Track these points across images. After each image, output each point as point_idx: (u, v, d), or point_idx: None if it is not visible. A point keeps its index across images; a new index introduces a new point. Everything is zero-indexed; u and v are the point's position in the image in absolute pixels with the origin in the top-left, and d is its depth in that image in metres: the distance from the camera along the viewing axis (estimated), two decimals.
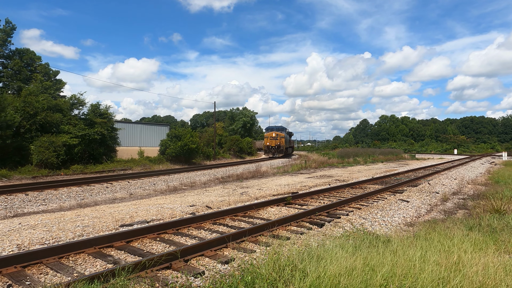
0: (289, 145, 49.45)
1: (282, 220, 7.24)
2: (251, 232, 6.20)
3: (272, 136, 40.89)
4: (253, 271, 4.03)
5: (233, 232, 5.98)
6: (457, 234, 5.30)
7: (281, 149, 40.32)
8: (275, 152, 40.41)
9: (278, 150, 40.44)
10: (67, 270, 4.64)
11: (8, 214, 9.99)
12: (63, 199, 12.18)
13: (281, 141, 40.48)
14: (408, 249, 4.28)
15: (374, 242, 5.57)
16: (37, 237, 6.70)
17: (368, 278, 3.22)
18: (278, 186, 14.74)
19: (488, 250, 4.20)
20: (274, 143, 40.53)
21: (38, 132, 23.00)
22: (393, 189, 12.85)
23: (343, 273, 3.46)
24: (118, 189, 14.63)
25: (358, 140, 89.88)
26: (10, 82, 28.94)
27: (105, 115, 27.45)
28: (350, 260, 3.91)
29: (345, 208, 9.33)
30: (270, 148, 40.78)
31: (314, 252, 4.40)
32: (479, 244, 4.70)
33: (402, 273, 3.27)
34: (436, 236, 5.52)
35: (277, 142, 40.47)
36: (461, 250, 4.07)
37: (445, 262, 3.54)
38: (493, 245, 4.73)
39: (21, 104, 23.05)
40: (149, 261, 4.49)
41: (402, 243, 5.11)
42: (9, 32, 29.47)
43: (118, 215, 9.07)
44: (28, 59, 30.41)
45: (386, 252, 4.27)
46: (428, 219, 9.39)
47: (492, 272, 3.22)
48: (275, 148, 40.36)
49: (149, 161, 29.90)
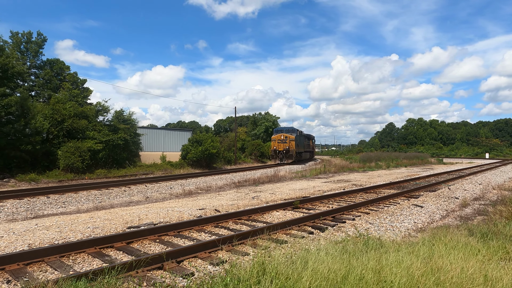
0: (307, 149, 44.50)
1: (282, 223, 7.24)
2: (245, 236, 6.23)
3: (280, 138, 35.68)
4: (236, 274, 4.08)
5: (229, 235, 6.05)
6: (451, 240, 5.11)
7: (290, 154, 34.93)
8: (283, 157, 35.08)
9: (286, 155, 35.05)
10: (64, 268, 4.88)
11: (29, 216, 10.55)
12: (81, 202, 12.71)
13: (291, 145, 35.25)
14: (393, 255, 4.19)
15: (370, 247, 5.48)
16: (49, 237, 7.05)
17: (339, 283, 3.20)
18: (292, 191, 14.67)
19: (478, 257, 4.04)
20: (282, 147, 35.34)
21: (65, 138, 24.11)
22: (409, 194, 12.49)
23: (318, 277, 3.45)
24: (135, 193, 15.08)
25: (384, 144, 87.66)
26: (41, 91, 30.55)
27: (128, 121, 28.41)
28: (331, 265, 3.88)
29: (353, 212, 9.18)
30: (277, 152, 35.49)
31: (299, 256, 4.39)
32: (473, 250, 4.52)
33: (373, 279, 3.22)
34: (434, 242, 5.36)
35: (286, 145, 35.09)
36: (446, 257, 3.93)
37: (422, 269, 3.44)
38: (486, 252, 4.53)
39: (49, 112, 24.27)
40: (139, 262, 4.64)
41: (396, 249, 5.00)
42: (40, 44, 31.18)
43: (129, 217, 9.36)
44: (58, 68, 32.01)
45: (371, 257, 4.20)
46: (441, 225, 9.08)
47: (466, 277, 3.11)
48: (283, 153, 35.06)
49: (170, 165, 30.59)
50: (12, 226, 8.47)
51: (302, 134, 42.08)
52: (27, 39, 30.91)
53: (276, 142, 35.78)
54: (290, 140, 35.23)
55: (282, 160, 35.31)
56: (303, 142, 40.55)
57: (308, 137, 46.30)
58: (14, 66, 24.82)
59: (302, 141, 40.29)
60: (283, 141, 35.28)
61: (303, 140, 41.03)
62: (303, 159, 41.24)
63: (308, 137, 46.95)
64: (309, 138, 47.08)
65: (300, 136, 39.69)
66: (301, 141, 39.77)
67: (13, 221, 9.67)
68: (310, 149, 47.34)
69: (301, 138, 39.74)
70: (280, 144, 35.37)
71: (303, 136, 42.20)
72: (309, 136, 47.70)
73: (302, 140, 40.53)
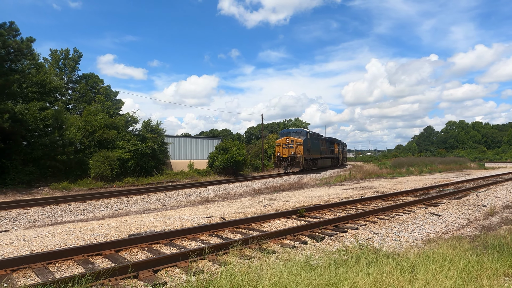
0: (328, 155, 38.64)
1: (277, 232, 7.06)
2: (226, 247, 6.10)
3: (285, 143, 29.51)
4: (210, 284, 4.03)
5: (213, 244, 5.99)
6: (437, 252, 4.70)
7: (297, 161, 28.57)
8: (287, 165, 28.87)
9: (292, 163, 28.76)
10: (46, 275, 5.05)
11: (48, 223, 11.12)
12: (100, 210, 13.22)
13: (298, 150, 28.93)
14: (363, 269, 3.92)
15: (361, 259, 5.19)
16: (52, 244, 7.36)
17: None
18: (307, 198, 14.35)
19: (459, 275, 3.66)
20: (287, 153, 29.11)
21: (96, 148, 25.35)
22: (429, 202, 11.77)
23: None
24: (153, 200, 15.45)
25: (422, 148, 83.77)
26: (77, 104, 32.43)
27: (156, 130, 29.37)
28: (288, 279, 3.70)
29: (359, 221, 8.78)
30: (281, 159, 29.33)
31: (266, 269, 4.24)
32: (466, 264, 4.12)
33: None
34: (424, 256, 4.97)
35: (292, 151, 28.89)
36: (421, 273, 3.61)
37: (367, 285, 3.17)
38: (477, 268, 4.11)
39: (82, 123, 25.66)
40: (109, 271, 4.69)
41: (377, 261, 4.69)
42: (77, 60, 33.20)
43: (136, 225, 9.58)
44: (93, 82, 33.86)
45: (338, 270, 3.96)
46: (458, 235, 8.45)
47: None
48: (288, 160, 28.85)
49: (197, 173, 31.15)
50: (26, 232, 8.95)
51: (319, 138, 36.36)
52: (65, 56, 33.04)
53: (281, 147, 29.91)
54: (297, 145, 29.18)
55: (287, 169, 29.21)
56: (318, 146, 34.53)
57: (330, 141, 41.05)
58: (52, 82, 26.53)
59: (317, 146, 34.36)
60: (288, 146, 29.48)
61: (319, 144, 34.91)
62: (319, 166, 35.04)
63: (331, 141, 41.36)
64: (331, 142, 41.53)
65: (314, 139, 33.46)
66: (316, 145, 33.76)
67: (31, 227, 10.24)
68: (333, 154, 41.29)
69: (315, 142, 33.63)
70: (284, 149, 29.54)
71: (320, 139, 36.33)
72: (332, 140, 42.10)
73: (318, 144, 34.57)
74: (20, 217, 11.35)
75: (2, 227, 10.42)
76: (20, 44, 21.14)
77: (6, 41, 20.08)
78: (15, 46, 20.61)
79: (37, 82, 25.58)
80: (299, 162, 28.77)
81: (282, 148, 29.75)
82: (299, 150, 29.18)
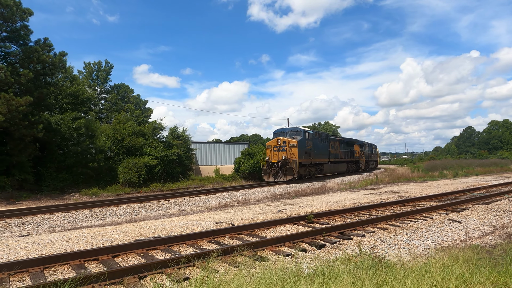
0: (344, 159, 33.69)
1: (274, 239, 6.90)
2: (223, 253, 6.02)
3: (276, 145, 24.45)
4: None
5: (204, 251, 5.95)
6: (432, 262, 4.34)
7: (289, 167, 23.45)
8: (278, 172, 23.86)
9: (283, 170, 23.69)
10: (38, 279, 5.24)
11: (68, 227, 11.63)
12: (119, 215, 13.65)
13: (291, 153, 23.75)
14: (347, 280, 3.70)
15: (360, 268, 4.93)
16: (61, 248, 7.65)
17: None
18: (324, 203, 13.98)
19: None
20: (277, 157, 24.08)
21: (124, 155, 26.31)
22: (452, 207, 11.04)
23: None
24: (172, 206, 15.73)
25: (462, 150, 79.27)
26: (108, 114, 33.93)
27: (181, 137, 30.03)
28: None
29: (368, 228, 8.39)
30: (270, 165, 24.47)
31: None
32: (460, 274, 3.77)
33: None
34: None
35: (283, 154, 23.79)
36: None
37: None
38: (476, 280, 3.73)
39: (111, 132, 26.77)
40: (93, 276, 4.77)
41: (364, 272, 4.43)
42: (108, 71, 34.82)
43: (146, 230, 9.76)
44: (123, 92, 35.31)
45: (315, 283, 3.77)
46: (478, 243, 7.83)
47: None
48: (278, 166, 23.86)
49: (223, 178, 31.42)
50: (44, 237, 9.39)
51: (329, 138, 30.87)
52: (98, 68, 34.77)
53: (272, 149, 24.75)
54: (290, 147, 23.99)
55: (277, 177, 23.92)
56: (325, 149, 29.19)
57: (347, 142, 35.70)
58: (84, 93, 27.92)
59: (324, 148, 28.94)
60: (279, 149, 24.28)
61: (326, 146, 29.55)
62: (326, 173, 29.78)
63: (348, 142, 36.06)
64: (349, 143, 36.11)
65: (318, 140, 27.85)
66: (321, 147, 28.34)
67: (51, 232, 10.75)
68: (351, 158, 35.76)
69: (320, 144, 28.11)
70: (276, 153, 24.43)
71: (331, 140, 30.96)
72: (350, 141, 36.94)
73: (325, 146, 29.25)
74: (44, 222, 11.97)
75: (25, 231, 11.03)
76: (53, 59, 22.48)
77: (40, 56, 21.42)
78: (49, 60, 21.94)
79: (71, 94, 27.05)
80: (292, 168, 23.52)
81: (272, 152, 24.76)
82: (293, 153, 23.97)
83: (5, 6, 19.95)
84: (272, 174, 24.21)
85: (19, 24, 21.42)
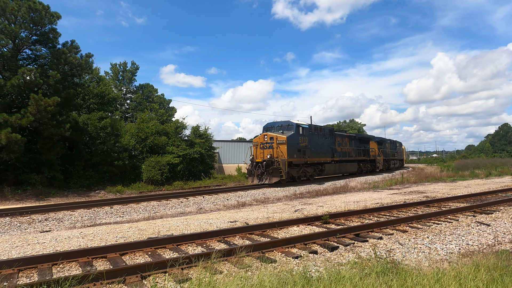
0: (358, 157, 30.59)
1: (284, 240, 6.67)
2: (228, 254, 5.86)
3: (262, 141, 21.30)
4: None
5: (206, 252, 5.82)
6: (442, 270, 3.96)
7: (276, 168, 20.23)
8: (262, 173, 20.69)
9: (268, 171, 20.46)
10: (46, 276, 5.29)
11: (88, 224, 11.90)
12: (138, 212, 13.83)
13: (279, 151, 20.55)
14: None
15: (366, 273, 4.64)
16: (76, 245, 7.78)
17: None
18: (344, 203, 13.54)
19: None
20: (263, 155, 20.97)
21: (148, 154, 26.81)
22: (481, 209, 10.35)
23: None
24: (191, 204, 15.79)
25: (497, 148, 75.22)
26: (134, 113, 34.73)
27: (203, 135, 30.24)
28: None
29: (386, 230, 7.97)
30: (254, 165, 21.34)
31: None
32: None
33: None
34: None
35: (269, 152, 20.62)
36: None
37: None
38: None
39: (135, 131, 27.35)
40: (97, 274, 4.75)
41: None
42: (134, 72, 35.64)
43: (160, 228, 9.79)
44: (148, 92, 36.02)
45: None
46: (507, 249, 7.25)
47: None
48: (263, 166, 20.67)
49: (245, 177, 31.37)
50: (63, 233, 9.62)
51: (334, 134, 27.21)
52: (123, 69, 35.66)
53: (258, 147, 21.41)
54: (278, 143, 20.67)
55: (261, 179, 20.75)
56: (327, 146, 25.54)
57: (360, 139, 32.20)
58: (110, 93, 28.68)
59: (326, 145, 25.37)
60: (266, 145, 21.02)
61: (329, 142, 25.93)
62: (328, 174, 25.95)
63: (361, 138, 32.55)
64: (362, 140, 32.67)
65: (317, 135, 24.33)
66: (322, 144, 24.86)
67: (71, 228, 11.02)
68: (365, 156, 32.23)
69: (320, 140, 24.61)
70: (261, 150, 21.24)
71: (336, 136, 27.38)
72: (364, 137, 33.70)
73: (328, 142, 25.67)
74: (66, 218, 12.31)
75: (47, 227, 11.38)
76: (80, 60, 23.21)
77: (68, 58, 22.17)
78: (76, 62, 22.66)
79: (98, 94, 27.89)
80: (278, 168, 20.22)
81: (259, 148, 21.33)
82: (281, 151, 20.57)
83: (34, 10, 20.77)
84: (257, 176, 21.07)
85: (48, 28, 22.26)
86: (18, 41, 21.15)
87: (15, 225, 11.35)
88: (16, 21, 20.53)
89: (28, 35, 21.66)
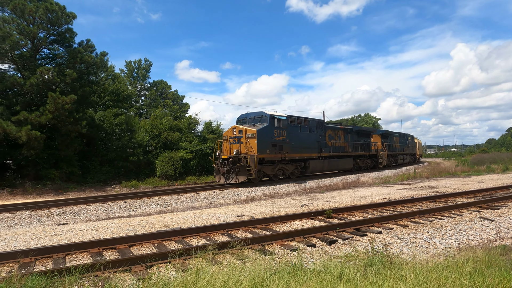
0: (358, 152, 28.39)
1: (284, 234, 6.93)
2: (229, 246, 6.16)
3: (231, 135, 19.10)
4: None
5: (205, 244, 6.13)
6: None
7: (242, 165, 17.92)
8: (229, 172, 18.39)
9: (235, 169, 18.18)
10: (59, 264, 5.72)
11: (102, 217, 12.44)
12: (151, 206, 14.33)
13: (247, 146, 18.24)
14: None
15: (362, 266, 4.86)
16: (90, 237, 8.24)
17: None
18: (351, 198, 13.67)
19: None
20: (231, 151, 18.74)
21: (161, 149, 27.43)
22: (487, 204, 10.31)
23: None
24: (202, 199, 16.20)
25: None
26: (148, 110, 35.47)
27: (216, 131, 30.66)
28: None
29: (387, 224, 8.12)
30: (220, 162, 18.99)
31: None
32: None
33: None
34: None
35: (236, 148, 18.52)
36: None
37: None
38: None
39: (149, 127, 27.99)
40: (108, 263, 5.13)
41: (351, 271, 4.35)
42: (147, 69, 36.29)
43: (170, 221, 10.20)
44: (162, 88, 36.65)
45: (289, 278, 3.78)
46: (508, 244, 7.30)
47: None
48: (228, 163, 18.40)
49: None
50: (78, 226, 10.14)
51: (324, 125, 24.64)
52: (138, 66, 36.37)
53: (228, 141, 19.23)
54: (248, 138, 18.33)
55: (228, 178, 18.50)
56: (313, 139, 22.94)
57: (358, 132, 29.42)
58: (125, 90, 29.37)
59: (312, 139, 22.80)
60: (234, 140, 18.86)
61: (316, 136, 23.31)
62: (314, 171, 23.38)
63: (359, 131, 29.75)
64: (361, 133, 29.92)
65: (298, 127, 21.78)
66: (307, 138, 22.39)
67: (86, 221, 11.57)
68: (363, 151, 29.44)
69: (303, 133, 22.08)
70: (229, 145, 19.12)
71: (327, 128, 24.88)
72: (363, 130, 30.78)
73: (314, 136, 23.03)
74: (82, 212, 12.90)
75: (64, 220, 11.97)
76: (95, 59, 23.89)
77: (83, 57, 22.86)
78: (91, 60, 23.34)
79: (113, 91, 28.62)
80: (245, 166, 17.86)
81: (227, 145, 19.13)
82: (251, 146, 18.18)
83: (51, 11, 21.48)
84: (223, 174, 18.77)
85: (64, 28, 22.98)
86: (36, 41, 21.94)
87: (34, 218, 12.00)
88: (34, 22, 21.30)
89: (46, 35, 22.43)
